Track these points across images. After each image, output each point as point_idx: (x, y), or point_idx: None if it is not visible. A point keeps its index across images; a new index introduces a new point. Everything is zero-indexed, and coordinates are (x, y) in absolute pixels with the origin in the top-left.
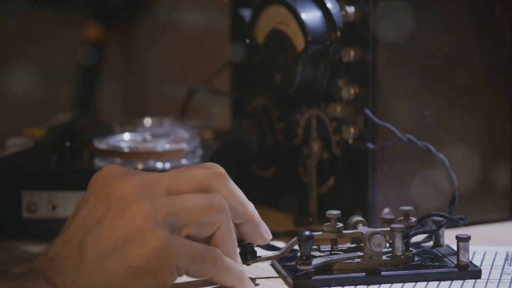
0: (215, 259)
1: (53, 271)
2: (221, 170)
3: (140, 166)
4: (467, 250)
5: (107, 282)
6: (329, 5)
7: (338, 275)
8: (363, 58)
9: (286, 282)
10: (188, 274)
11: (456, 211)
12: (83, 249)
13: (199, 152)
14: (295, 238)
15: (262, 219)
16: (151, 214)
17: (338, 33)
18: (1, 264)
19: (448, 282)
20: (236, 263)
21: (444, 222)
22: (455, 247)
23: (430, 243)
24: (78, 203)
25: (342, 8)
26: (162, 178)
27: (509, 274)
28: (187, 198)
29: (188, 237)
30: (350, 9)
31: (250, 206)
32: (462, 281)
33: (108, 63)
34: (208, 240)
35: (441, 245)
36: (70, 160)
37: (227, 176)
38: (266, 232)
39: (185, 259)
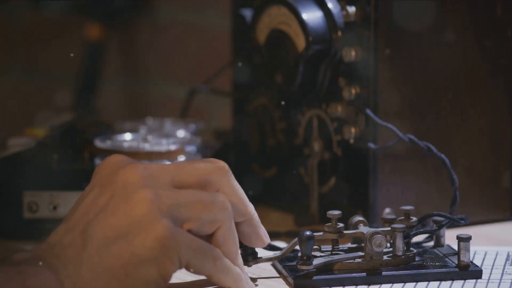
0: (215, 257)
1: (55, 258)
2: (225, 165)
3: None
4: (468, 250)
5: (110, 270)
6: (330, 5)
7: (339, 275)
8: (364, 58)
9: (287, 282)
10: (187, 268)
11: (457, 211)
12: (86, 236)
13: (200, 152)
14: (296, 239)
15: (263, 219)
16: (156, 203)
17: (339, 33)
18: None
19: (449, 282)
20: (235, 264)
21: (445, 222)
22: (456, 247)
23: (431, 243)
24: (82, 192)
25: (343, 8)
26: (167, 169)
27: (510, 274)
28: (190, 193)
29: (189, 232)
30: (351, 9)
31: (250, 206)
32: (463, 281)
33: (109, 63)
34: (209, 239)
35: (442, 245)
36: (71, 160)
37: (230, 172)
38: (264, 235)
39: (187, 252)
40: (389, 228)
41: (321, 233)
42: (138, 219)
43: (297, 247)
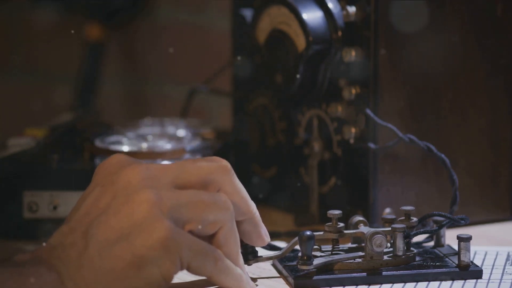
0: (216, 258)
1: (56, 259)
2: (227, 164)
3: None
4: (468, 250)
5: (111, 271)
6: (330, 5)
7: (339, 275)
8: (364, 58)
9: (287, 282)
10: (189, 269)
11: (457, 211)
12: (87, 237)
13: (200, 152)
14: (296, 238)
15: (263, 219)
16: (157, 204)
17: (339, 33)
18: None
19: (449, 282)
20: (237, 265)
21: (445, 222)
22: (456, 247)
23: (431, 243)
24: (83, 193)
25: (343, 8)
26: (168, 169)
27: (511, 274)
28: (192, 194)
29: (190, 233)
30: (351, 9)
31: (252, 204)
32: (463, 281)
33: (109, 63)
34: (210, 240)
35: (442, 245)
36: (71, 160)
37: (232, 170)
38: (265, 234)
39: (189, 253)
40: (390, 228)
41: (321, 233)
42: (140, 220)
43: (297, 247)
